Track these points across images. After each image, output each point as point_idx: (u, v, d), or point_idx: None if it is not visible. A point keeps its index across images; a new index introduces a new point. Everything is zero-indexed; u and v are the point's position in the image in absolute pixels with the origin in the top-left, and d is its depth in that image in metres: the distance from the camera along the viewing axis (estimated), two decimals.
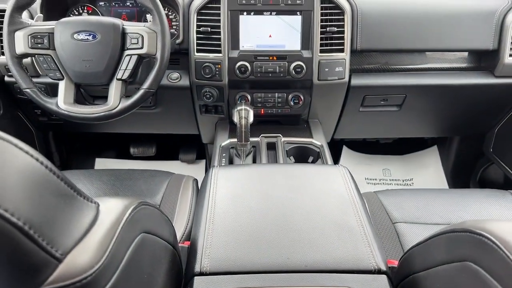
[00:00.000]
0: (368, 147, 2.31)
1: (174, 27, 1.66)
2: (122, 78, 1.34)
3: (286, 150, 1.50)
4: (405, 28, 1.60)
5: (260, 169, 1.10)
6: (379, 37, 1.60)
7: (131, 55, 1.33)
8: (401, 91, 1.70)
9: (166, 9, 1.66)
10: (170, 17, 1.67)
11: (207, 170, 1.36)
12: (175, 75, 1.64)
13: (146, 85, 1.34)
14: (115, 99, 1.34)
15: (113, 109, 1.34)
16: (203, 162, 2.32)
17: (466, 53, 1.72)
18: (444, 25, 1.60)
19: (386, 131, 1.98)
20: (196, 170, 2.27)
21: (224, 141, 1.56)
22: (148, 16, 1.41)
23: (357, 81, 1.65)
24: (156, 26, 1.33)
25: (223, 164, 1.43)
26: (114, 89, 1.34)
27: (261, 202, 0.92)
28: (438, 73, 1.69)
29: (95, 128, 1.95)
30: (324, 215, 0.88)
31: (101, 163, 2.26)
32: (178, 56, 1.65)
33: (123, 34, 1.34)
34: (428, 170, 2.27)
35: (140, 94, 1.34)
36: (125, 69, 1.34)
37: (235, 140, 1.46)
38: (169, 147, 2.31)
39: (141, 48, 1.33)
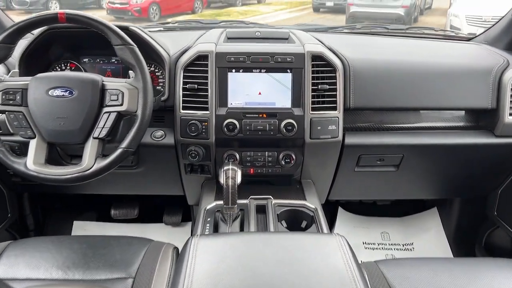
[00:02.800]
0: (365, 208, 2.19)
1: (161, 84, 1.60)
2: (99, 136, 1.24)
3: (277, 214, 1.38)
4: (399, 86, 1.55)
5: (246, 239, 0.97)
6: (372, 95, 1.54)
7: (109, 112, 1.25)
8: (398, 151, 1.61)
9: (152, 66, 1.60)
10: (156, 74, 1.61)
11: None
12: (159, 133, 1.55)
13: (124, 144, 1.24)
14: (89, 159, 1.24)
15: (87, 170, 1.23)
16: (189, 224, 2.18)
17: (463, 112, 1.66)
18: (439, 84, 1.55)
19: (384, 192, 1.87)
20: (181, 234, 2.12)
21: (210, 203, 1.43)
22: (131, 73, 1.35)
23: (351, 139, 1.57)
24: (138, 82, 1.26)
25: (207, 230, 1.30)
26: (90, 148, 1.25)
27: (246, 281, 0.79)
28: (436, 132, 1.62)
29: (73, 189, 1.82)
30: None
31: (79, 227, 2.11)
32: (163, 114, 1.57)
33: (103, 90, 1.26)
34: (429, 233, 2.14)
35: (117, 153, 1.24)
36: (103, 127, 1.25)
37: (222, 202, 1.35)
38: (153, 209, 2.18)
39: (121, 105, 1.25)
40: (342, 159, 1.61)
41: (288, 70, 1.48)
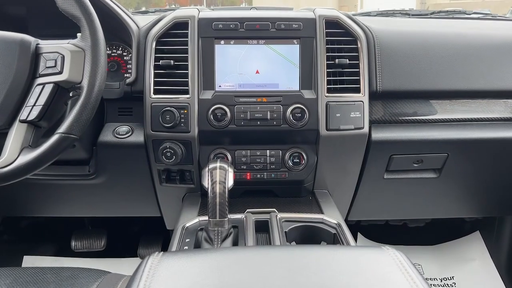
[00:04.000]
0: (391, 233, 1.76)
1: (130, 71, 1.22)
2: (29, 119, 0.87)
3: (286, 232, 0.97)
4: (440, 63, 1.19)
5: (242, 255, 0.56)
6: (406, 74, 1.17)
7: (43, 84, 0.89)
8: (441, 149, 1.22)
9: (120, 48, 1.24)
10: (125, 58, 1.24)
11: None
12: (125, 128, 1.17)
13: (63, 127, 0.86)
14: (11, 151, 0.85)
15: (7, 165, 0.84)
16: None
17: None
18: (490, 58, 1.20)
19: (419, 209, 1.46)
20: None
21: (191, 220, 1.02)
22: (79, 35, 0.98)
23: (380, 134, 1.18)
24: (84, 41, 0.89)
25: None
26: (13, 136, 0.87)
27: None
28: (489, 124, 1.24)
29: (14, 211, 1.40)
30: None
31: (30, 263, 1.66)
32: (130, 104, 1.19)
33: (36, 55, 0.90)
34: (472, 264, 1.70)
35: (52, 142, 0.85)
36: (33, 105, 0.88)
37: (207, 219, 0.94)
38: (125, 238, 1.74)
39: (60, 73, 0.89)
40: (368, 161, 1.22)
41: (295, 41, 1.12)
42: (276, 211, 1.05)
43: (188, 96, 1.09)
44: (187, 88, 1.09)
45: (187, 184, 1.20)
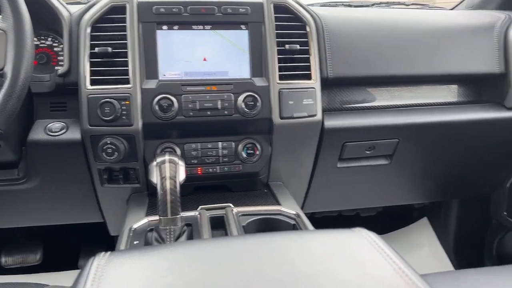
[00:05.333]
0: (344, 224, 1.75)
1: (62, 63, 1.10)
2: None
3: (243, 226, 0.90)
4: (386, 49, 1.19)
5: (203, 248, 0.49)
6: (355, 60, 1.16)
7: None
8: (392, 134, 1.22)
9: (49, 38, 1.11)
10: (55, 49, 1.12)
11: None
12: (58, 125, 1.05)
13: None
14: None
15: None
16: None
17: (464, 85, 1.32)
18: (435, 44, 1.22)
19: (371, 197, 1.46)
20: None
21: (139, 221, 0.93)
22: None
23: (333, 122, 1.16)
24: (5, 22, 0.78)
25: None
26: None
27: None
28: (436, 108, 1.26)
29: None
30: None
31: None
32: (64, 99, 1.07)
33: None
34: (422, 250, 1.74)
35: None
36: None
37: (157, 218, 0.86)
38: (63, 249, 1.58)
39: None
40: (322, 150, 1.19)
41: (243, 26, 1.07)
42: (232, 205, 0.98)
43: (129, 86, 1.00)
44: (127, 77, 1.00)
45: (132, 183, 1.10)
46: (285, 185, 1.19)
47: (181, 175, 0.84)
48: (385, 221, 1.80)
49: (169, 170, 0.82)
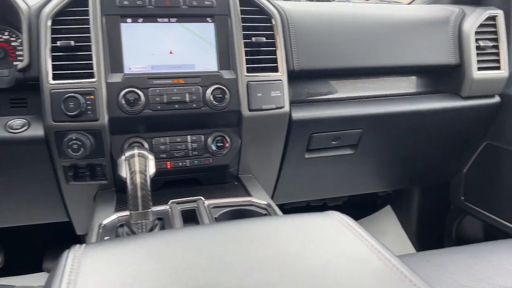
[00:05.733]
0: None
1: (20, 58, 1.06)
2: None
3: (215, 218, 0.91)
4: (350, 42, 1.22)
5: (180, 236, 0.49)
6: (319, 53, 1.19)
7: None
8: (356, 125, 1.26)
9: (6, 32, 1.07)
10: (12, 44, 1.08)
11: None
12: (19, 121, 1.01)
13: None
14: None
15: None
16: None
17: (422, 76, 1.37)
18: (395, 36, 1.26)
19: (338, 187, 1.50)
20: None
21: (108, 217, 0.91)
22: None
23: (300, 113, 1.18)
24: None
25: None
26: None
27: None
28: (397, 99, 1.31)
29: None
30: None
31: None
32: (25, 94, 1.04)
33: None
34: (386, 237, 1.81)
35: None
36: None
37: (127, 213, 0.85)
38: (27, 252, 1.52)
39: None
40: (290, 142, 1.21)
41: (209, 19, 1.07)
42: (203, 198, 0.98)
43: (93, 80, 0.97)
44: (91, 71, 0.98)
45: (99, 180, 1.08)
46: (255, 177, 1.20)
47: (151, 169, 0.83)
48: (351, 210, 1.84)
49: (139, 164, 0.81)
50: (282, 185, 1.32)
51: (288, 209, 1.68)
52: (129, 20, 1.02)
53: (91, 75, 0.97)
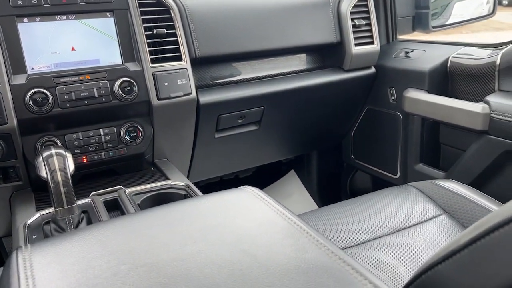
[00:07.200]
0: (226, 187, 1.92)
1: None
2: None
3: (138, 204, 0.98)
4: (244, 29, 1.33)
5: (118, 224, 0.58)
6: (218, 40, 1.28)
7: None
8: (258, 103, 1.40)
9: None
10: None
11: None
12: None
13: None
14: None
15: None
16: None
17: (311, 54, 1.54)
18: (284, 21, 1.40)
19: (246, 160, 1.64)
20: None
21: (31, 216, 0.94)
22: None
23: (207, 97, 1.27)
24: None
25: None
26: None
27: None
28: (292, 77, 1.46)
29: None
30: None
31: None
32: None
33: None
34: (292, 198, 2.01)
35: None
36: None
37: (51, 210, 0.89)
38: None
39: None
40: (200, 125, 1.30)
41: (108, 14, 1.09)
42: (123, 187, 1.04)
43: None
44: None
45: (13, 182, 1.07)
46: (170, 160, 1.28)
47: (71, 165, 0.87)
48: (260, 178, 2.02)
49: (58, 162, 0.85)
50: (196, 165, 1.42)
51: (203, 185, 1.79)
52: (25, 19, 1.01)
53: None
